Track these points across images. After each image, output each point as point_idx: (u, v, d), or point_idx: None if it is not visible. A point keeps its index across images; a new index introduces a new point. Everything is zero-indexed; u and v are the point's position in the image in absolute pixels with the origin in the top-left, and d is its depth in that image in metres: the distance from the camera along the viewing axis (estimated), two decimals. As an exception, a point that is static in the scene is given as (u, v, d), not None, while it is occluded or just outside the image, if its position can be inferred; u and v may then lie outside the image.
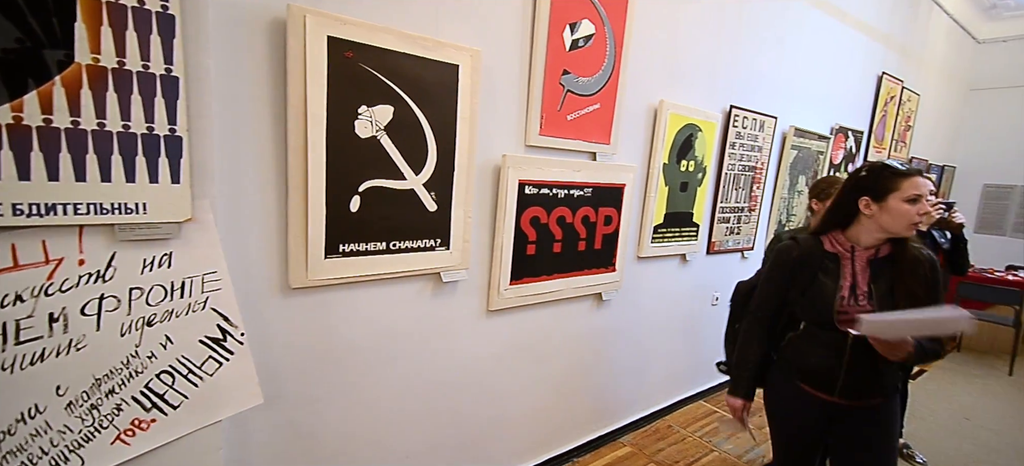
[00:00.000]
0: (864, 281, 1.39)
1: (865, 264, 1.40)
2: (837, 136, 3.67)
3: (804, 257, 1.46)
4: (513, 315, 2.04)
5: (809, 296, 1.44)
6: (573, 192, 2.05)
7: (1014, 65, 5.60)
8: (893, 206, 1.34)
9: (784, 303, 1.53)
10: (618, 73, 2.05)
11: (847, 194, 1.43)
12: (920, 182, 1.34)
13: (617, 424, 2.69)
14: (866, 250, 1.41)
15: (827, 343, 1.42)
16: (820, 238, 1.48)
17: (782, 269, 1.51)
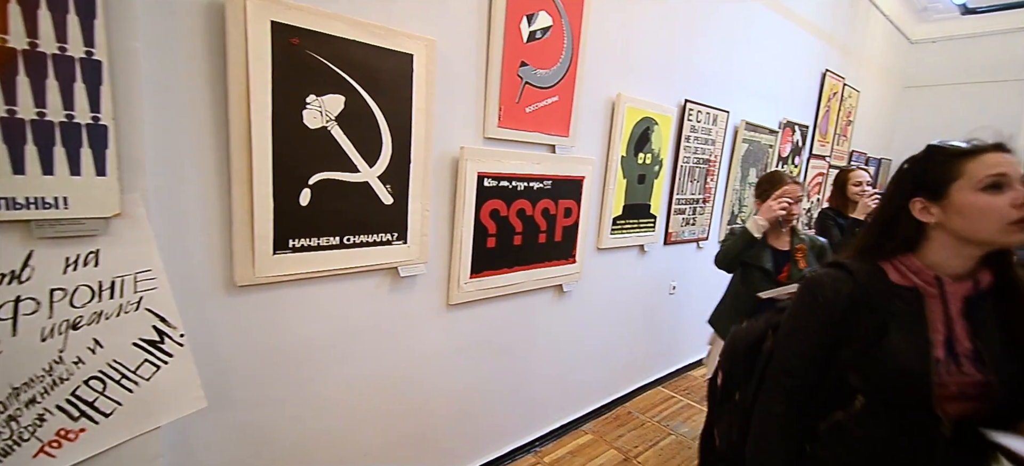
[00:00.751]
0: (964, 333, 0.86)
1: (961, 304, 0.87)
2: (785, 130, 3.84)
3: (863, 296, 0.91)
4: (474, 309, 2.03)
5: (879, 359, 0.87)
6: (533, 184, 2.06)
7: (943, 64, 6.02)
8: (961, 202, 0.86)
9: (828, 368, 0.94)
10: (576, 66, 2.06)
11: (893, 199, 0.96)
12: (999, 159, 0.84)
13: (579, 412, 2.73)
14: (959, 281, 0.89)
15: (912, 433, 0.86)
16: (880, 265, 0.94)
17: (824, 314, 0.93)
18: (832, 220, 2.64)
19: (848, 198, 2.60)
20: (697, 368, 3.61)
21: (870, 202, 2.51)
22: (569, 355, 2.57)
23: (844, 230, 2.56)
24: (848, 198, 2.60)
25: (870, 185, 2.58)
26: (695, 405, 3.06)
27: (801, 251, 1.95)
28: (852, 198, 2.58)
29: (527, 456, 2.42)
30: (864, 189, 2.55)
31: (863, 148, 5.47)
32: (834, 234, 2.59)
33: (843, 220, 2.60)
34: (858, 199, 2.54)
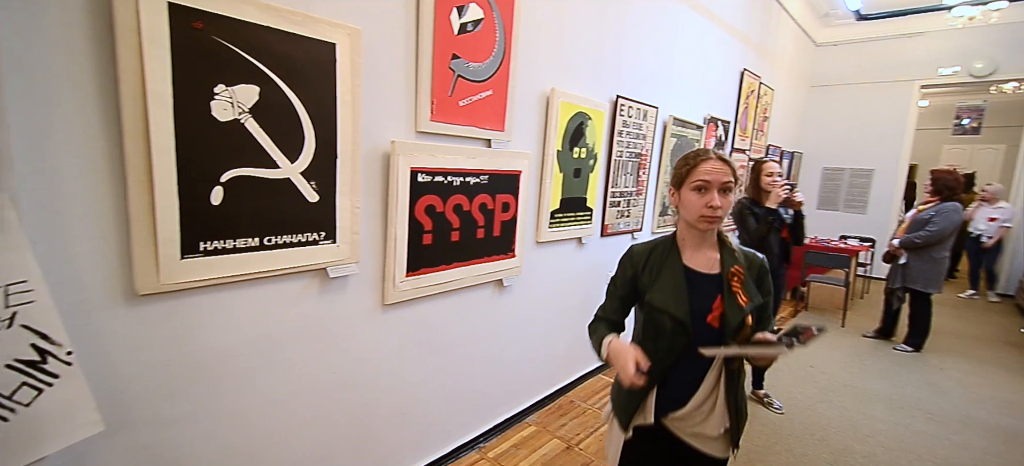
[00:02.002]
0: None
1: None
2: (709, 125, 4.07)
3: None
4: (411, 307, 1.98)
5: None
6: (469, 179, 2.03)
7: (844, 66, 6.65)
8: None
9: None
10: (509, 59, 2.06)
11: None
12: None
13: (523, 405, 2.75)
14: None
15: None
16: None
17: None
18: (748, 210, 2.83)
19: (762, 188, 2.79)
20: (635, 354, 3.75)
21: (781, 192, 2.72)
22: (511, 349, 2.58)
23: (759, 219, 2.75)
24: (762, 188, 2.79)
25: (780, 176, 2.79)
26: (634, 390, 3.18)
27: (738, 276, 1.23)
28: (765, 188, 2.78)
29: (471, 453, 2.40)
30: (775, 180, 2.74)
31: (778, 142, 5.93)
32: (750, 223, 2.78)
33: (759, 209, 2.79)
34: (771, 189, 2.74)
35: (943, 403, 3.16)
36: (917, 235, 3.79)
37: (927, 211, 3.82)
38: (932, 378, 3.55)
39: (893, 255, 4.03)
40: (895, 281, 4.05)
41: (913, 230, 3.85)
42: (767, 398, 3.02)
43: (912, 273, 3.87)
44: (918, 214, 3.90)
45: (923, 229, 3.76)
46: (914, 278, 3.87)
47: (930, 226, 3.73)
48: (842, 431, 2.76)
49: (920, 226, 3.81)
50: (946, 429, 2.83)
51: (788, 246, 2.88)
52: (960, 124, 8.07)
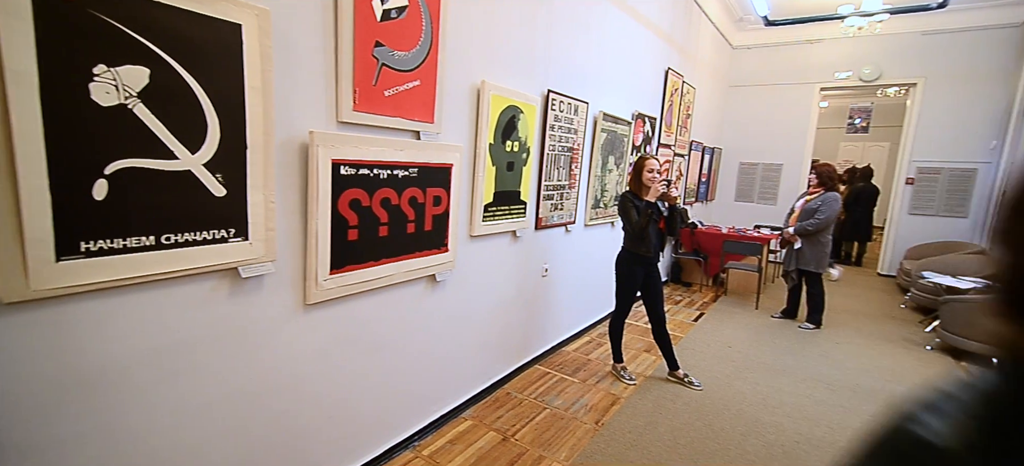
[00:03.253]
0: None
1: None
2: (637, 121, 4.25)
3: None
4: (337, 306, 1.89)
5: None
6: (397, 172, 1.97)
7: (757, 68, 7.20)
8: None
9: None
10: (437, 50, 2.01)
11: None
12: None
13: (458, 400, 2.73)
14: None
15: None
16: None
17: None
18: (631, 202, 2.99)
19: (643, 183, 2.96)
20: (570, 344, 3.85)
21: (659, 187, 2.88)
22: (446, 344, 2.55)
23: (640, 211, 2.93)
24: (643, 183, 2.96)
25: (659, 172, 2.94)
26: (568, 378, 3.26)
27: None
28: (646, 183, 2.94)
29: (405, 452, 2.35)
30: (654, 176, 2.92)
31: (701, 138, 6.31)
32: (632, 215, 2.95)
33: (639, 202, 2.96)
34: (651, 184, 2.91)
35: (837, 374, 3.53)
36: (809, 223, 4.22)
37: (814, 201, 4.25)
38: (829, 352, 3.96)
39: (789, 241, 4.46)
40: (789, 264, 4.51)
41: (804, 218, 4.29)
42: (686, 377, 3.22)
43: (804, 256, 4.32)
44: (806, 204, 4.32)
45: (813, 217, 4.21)
46: (806, 261, 4.31)
47: (818, 214, 4.17)
48: (754, 404, 3.01)
49: (810, 214, 4.23)
50: (839, 397, 3.17)
51: (664, 236, 3.10)
52: (853, 124, 9.04)
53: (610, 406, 2.92)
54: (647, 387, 3.18)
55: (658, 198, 2.95)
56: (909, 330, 4.59)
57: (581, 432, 2.63)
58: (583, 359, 3.60)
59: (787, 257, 4.58)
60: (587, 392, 3.09)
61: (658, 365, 3.46)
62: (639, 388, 3.16)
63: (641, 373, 3.38)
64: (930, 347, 4.12)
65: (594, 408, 2.89)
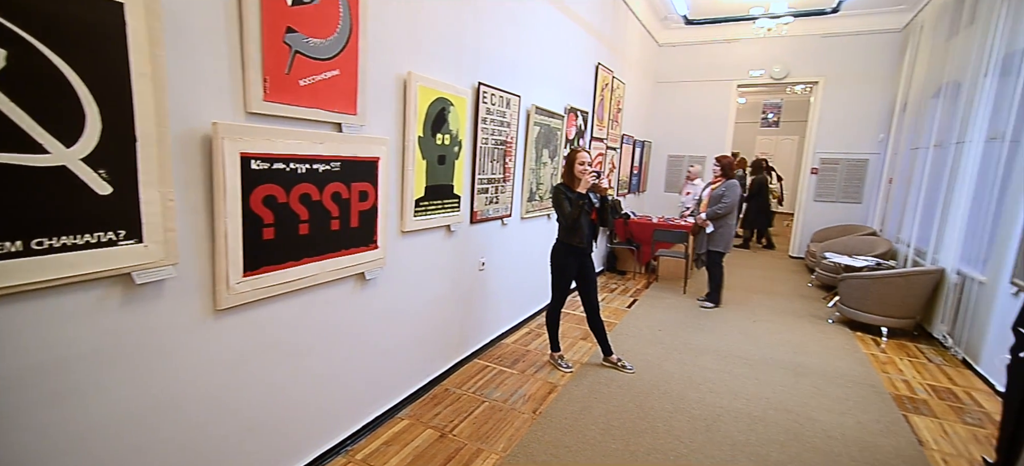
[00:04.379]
0: None
1: None
2: (569, 115, 4.34)
3: None
4: (255, 310, 1.78)
5: None
6: (317, 167, 1.88)
7: (681, 65, 7.59)
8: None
9: None
10: (357, 38, 1.93)
11: None
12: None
13: (394, 400, 2.67)
14: None
15: None
16: None
17: None
18: (563, 194, 3.05)
19: (575, 175, 3.03)
20: (509, 336, 3.88)
21: (590, 178, 2.97)
22: (379, 344, 2.47)
23: (572, 203, 3.01)
24: (575, 175, 3.03)
25: (590, 165, 3.04)
26: (507, 370, 3.29)
27: None
28: (577, 175, 3.02)
29: (337, 457, 2.26)
30: (586, 168, 3.02)
31: (631, 132, 6.57)
32: (565, 207, 3.03)
33: (572, 194, 3.04)
34: (582, 176, 3.00)
35: (754, 349, 3.82)
36: (718, 207, 4.63)
37: (719, 188, 4.68)
38: (747, 329, 4.27)
39: (701, 227, 4.80)
40: (701, 248, 4.87)
41: (712, 204, 4.68)
42: (620, 362, 3.36)
43: (714, 238, 4.72)
44: (713, 192, 4.74)
45: (720, 203, 4.62)
46: (715, 242, 4.72)
47: (725, 199, 4.60)
48: (681, 383, 3.19)
49: (717, 200, 4.64)
50: (755, 370, 3.43)
51: (597, 227, 3.20)
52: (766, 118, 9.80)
53: (548, 394, 2.97)
54: (583, 374, 3.27)
55: (590, 189, 3.02)
56: (815, 306, 5.06)
57: (519, 422, 2.66)
58: (522, 350, 3.64)
59: (698, 242, 4.94)
60: (526, 382, 3.12)
61: (594, 352, 3.57)
62: (575, 375, 3.24)
63: (578, 360, 3.47)
64: (831, 321, 4.57)
65: (532, 398, 2.93)
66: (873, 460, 2.41)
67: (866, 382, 3.29)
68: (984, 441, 2.61)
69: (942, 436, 2.67)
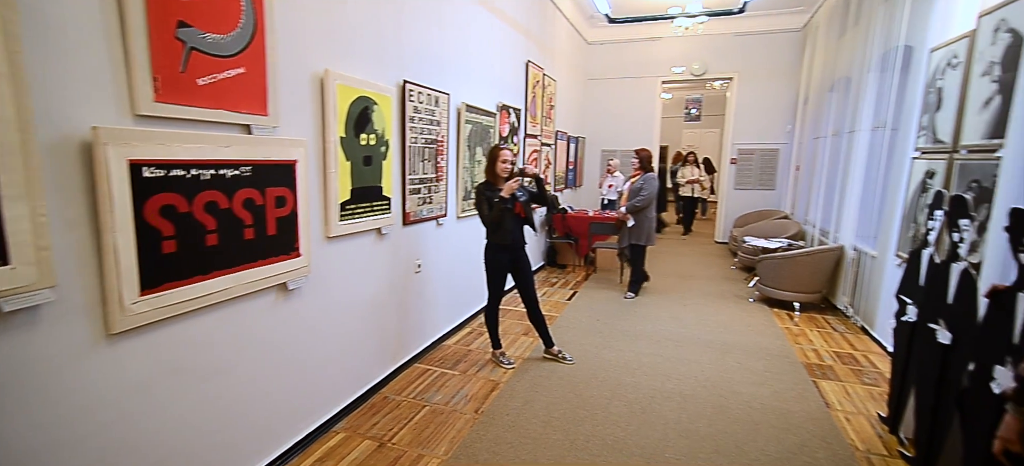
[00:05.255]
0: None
1: None
2: (502, 112, 4.35)
3: None
4: (158, 331, 1.62)
5: None
6: (225, 172, 1.74)
7: (610, 63, 7.86)
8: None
9: None
10: (263, 33, 1.81)
11: None
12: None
13: (328, 413, 2.55)
14: None
15: None
16: None
17: None
18: (484, 195, 3.05)
19: (498, 174, 3.05)
20: (450, 337, 3.83)
21: (513, 184, 2.98)
22: (309, 356, 2.35)
23: (491, 205, 3.01)
24: (498, 174, 3.05)
25: (512, 163, 3.09)
26: (449, 372, 3.24)
27: None
28: (500, 174, 3.04)
29: (265, 482, 2.12)
30: (508, 166, 3.05)
31: (565, 128, 6.71)
32: (484, 209, 3.03)
33: (492, 194, 3.04)
34: (505, 175, 3.02)
35: (684, 331, 4.03)
36: (637, 200, 4.66)
37: (637, 181, 4.73)
38: (678, 314, 4.51)
39: (622, 220, 4.82)
40: (624, 241, 4.91)
41: (631, 198, 4.72)
42: (560, 354, 3.42)
43: (636, 232, 4.78)
44: (632, 185, 4.77)
45: (639, 196, 4.66)
46: (638, 236, 4.78)
47: (643, 192, 4.64)
48: (618, 369, 3.30)
49: (636, 194, 4.69)
50: (685, 351, 3.62)
51: (524, 222, 3.18)
52: (689, 113, 10.38)
53: (490, 393, 2.97)
54: (525, 369, 3.29)
55: (518, 174, 3.03)
56: (738, 287, 5.43)
57: (461, 423, 2.63)
58: (464, 351, 3.61)
59: (621, 236, 5.00)
60: (467, 383, 3.10)
61: (536, 346, 3.61)
62: (517, 371, 3.26)
63: (520, 356, 3.50)
64: (752, 299, 4.92)
65: (474, 397, 2.91)
66: (788, 425, 2.62)
67: (782, 354, 3.58)
68: (879, 398, 2.91)
69: (845, 397, 2.95)
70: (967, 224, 1.95)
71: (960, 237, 1.97)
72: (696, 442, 2.46)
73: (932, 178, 3.00)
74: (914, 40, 3.55)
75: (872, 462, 2.32)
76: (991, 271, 2.16)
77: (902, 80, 3.71)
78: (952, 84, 2.85)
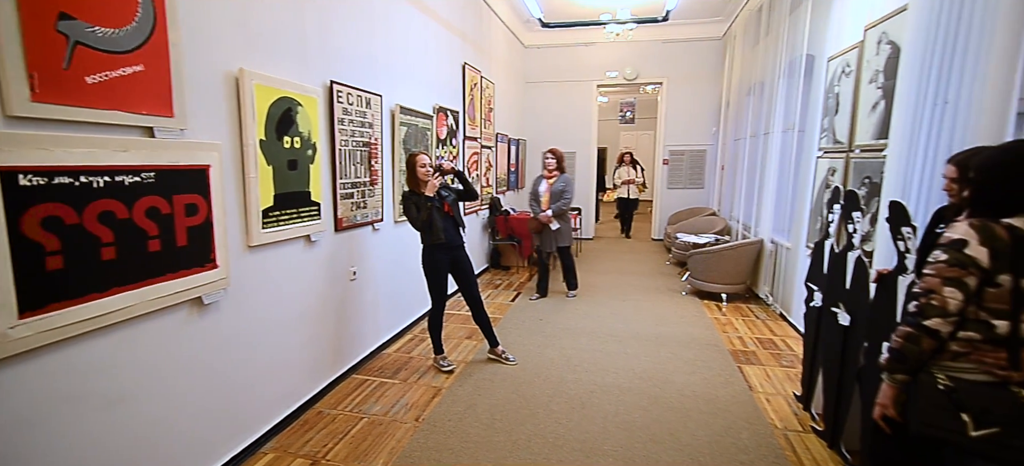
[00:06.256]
0: None
1: None
2: (439, 114, 4.30)
3: None
4: (46, 358, 1.45)
5: None
6: (123, 179, 1.59)
7: (548, 66, 8.00)
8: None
9: None
10: (164, 28, 1.67)
11: None
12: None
13: (255, 434, 2.39)
14: None
15: None
16: None
17: None
18: (410, 200, 3.01)
19: (419, 179, 3.02)
20: (391, 345, 3.73)
21: (435, 182, 3.01)
22: (231, 375, 2.19)
23: (420, 207, 3.00)
24: (419, 179, 3.02)
25: (432, 168, 3.08)
26: (388, 381, 3.15)
27: None
28: (421, 179, 3.02)
29: (182, 515, 1.95)
30: (428, 170, 3.03)
31: (505, 130, 6.75)
32: (412, 212, 3.01)
33: (418, 198, 3.01)
34: (427, 179, 3.01)
35: (623, 326, 4.18)
36: (562, 202, 4.57)
37: (557, 183, 4.61)
38: (617, 309, 4.66)
39: (545, 224, 4.66)
40: (549, 246, 4.74)
41: (554, 201, 4.59)
42: (503, 354, 3.43)
43: (560, 235, 4.68)
44: (552, 188, 4.63)
45: (561, 198, 4.57)
46: (563, 238, 4.71)
47: (566, 194, 4.58)
48: (560, 366, 3.35)
49: (558, 196, 4.57)
50: (624, 346, 3.75)
51: (453, 219, 3.17)
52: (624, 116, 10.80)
53: (431, 399, 2.91)
54: (468, 372, 3.27)
55: (436, 171, 3.04)
56: (672, 282, 5.71)
57: (401, 433, 2.56)
58: (405, 358, 3.53)
59: (544, 239, 4.76)
60: (408, 391, 3.03)
61: (480, 348, 3.59)
62: (461, 375, 3.23)
63: (463, 359, 3.46)
64: (685, 293, 5.19)
65: (415, 405, 2.85)
66: (716, 409, 2.78)
67: (711, 343, 3.79)
68: (794, 379, 3.16)
69: (766, 380, 3.18)
70: (859, 216, 2.17)
71: (854, 228, 2.18)
72: (632, 433, 2.55)
73: (833, 175, 3.30)
74: (815, 49, 3.90)
75: (789, 438, 2.50)
76: (882, 258, 2.41)
77: (806, 86, 4.06)
78: (846, 90, 3.16)
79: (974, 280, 1.18)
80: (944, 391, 1.22)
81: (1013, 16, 1.68)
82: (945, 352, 1.25)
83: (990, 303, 1.19)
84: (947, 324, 1.21)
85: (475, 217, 5.67)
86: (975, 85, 1.81)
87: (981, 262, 1.17)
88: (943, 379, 1.23)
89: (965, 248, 1.19)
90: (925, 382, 1.26)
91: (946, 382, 1.22)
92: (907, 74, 2.33)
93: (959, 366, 1.24)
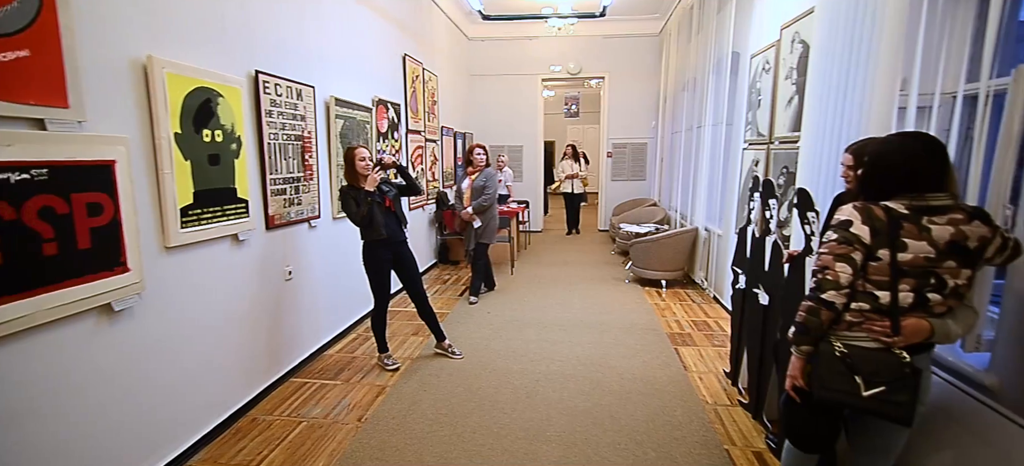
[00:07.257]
0: None
1: None
2: (379, 107, 4.19)
3: None
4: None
5: None
6: (7, 176, 1.44)
7: (493, 59, 7.98)
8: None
9: None
10: (54, 9, 1.52)
11: None
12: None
13: (181, 447, 2.24)
14: None
15: None
16: None
17: None
18: (349, 195, 2.94)
19: (358, 173, 2.95)
20: (333, 346, 3.61)
21: (376, 176, 2.93)
22: (151, 385, 2.04)
23: (359, 201, 2.93)
24: (358, 173, 2.95)
25: (370, 160, 3.00)
26: (329, 383, 3.05)
27: None
28: (361, 173, 2.94)
29: (95, 540, 1.80)
30: (367, 165, 2.96)
31: (450, 124, 6.67)
32: (351, 207, 2.94)
33: (356, 191, 2.94)
34: (366, 173, 2.94)
35: (569, 315, 4.27)
36: (483, 199, 4.39)
37: (478, 179, 4.42)
38: (564, 299, 4.75)
39: (467, 221, 4.49)
40: (470, 243, 4.58)
41: (476, 197, 4.40)
42: (450, 348, 3.41)
43: (483, 232, 4.51)
44: (473, 184, 4.44)
45: (483, 194, 4.39)
46: (485, 234, 4.52)
47: (487, 190, 4.39)
48: (506, 358, 3.38)
49: (479, 192, 4.39)
50: (569, 334, 3.84)
51: (395, 214, 3.11)
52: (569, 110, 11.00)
53: (375, 399, 2.85)
54: (413, 369, 3.23)
55: (377, 165, 2.96)
56: (616, 271, 5.89)
57: (342, 435, 2.49)
58: (347, 359, 3.43)
59: (467, 237, 4.63)
60: (350, 392, 2.95)
61: (426, 344, 3.55)
62: (406, 372, 3.19)
63: (409, 356, 3.41)
64: (627, 281, 5.38)
65: (357, 406, 2.78)
66: (653, 390, 2.91)
67: (651, 327, 3.96)
68: (725, 357, 3.36)
69: (699, 359, 3.36)
70: (775, 204, 2.33)
71: (771, 215, 2.34)
72: (575, 417, 2.62)
73: (757, 166, 3.53)
74: (740, 47, 4.14)
75: (718, 412, 2.67)
76: (797, 242, 2.61)
77: (733, 82, 4.31)
78: (767, 86, 3.38)
79: (859, 255, 1.31)
80: (840, 357, 1.35)
81: (896, 20, 1.86)
82: (841, 322, 1.38)
83: (873, 276, 1.32)
84: (841, 296, 1.33)
85: (422, 211, 5.59)
86: (868, 82, 1.99)
87: (863, 239, 1.30)
88: (840, 346, 1.36)
89: (850, 227, 1.32)
90: (825, 351, 1.38)
91: (842, 349, 1.35)
92: (815, 71, 2.53)
93: (853, 335, 1.37)
